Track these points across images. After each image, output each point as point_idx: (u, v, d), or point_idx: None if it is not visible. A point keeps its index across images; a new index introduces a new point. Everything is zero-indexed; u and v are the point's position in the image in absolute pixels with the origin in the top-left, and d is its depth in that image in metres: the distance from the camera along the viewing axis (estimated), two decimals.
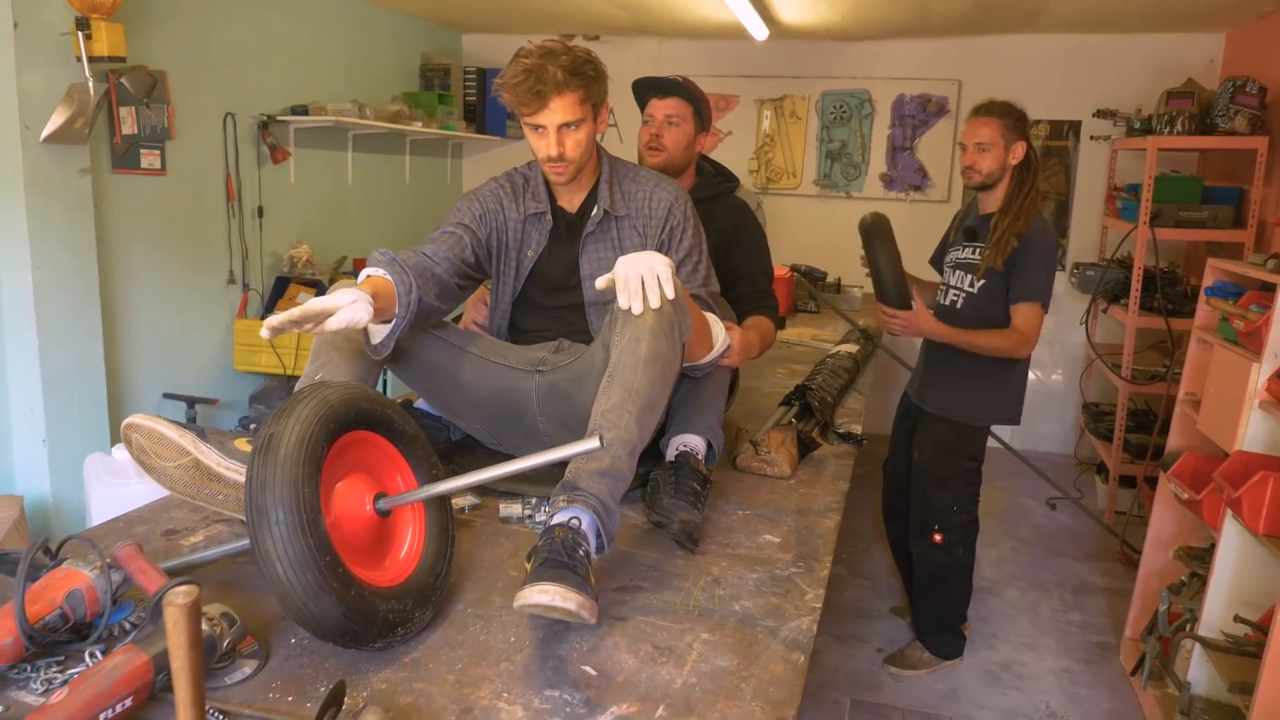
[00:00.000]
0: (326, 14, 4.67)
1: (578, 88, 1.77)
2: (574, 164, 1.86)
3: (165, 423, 1.49)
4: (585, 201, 1.98)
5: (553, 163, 1.85)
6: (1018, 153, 2.77)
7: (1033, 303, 2.75)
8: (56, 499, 3.29)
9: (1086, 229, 5.28)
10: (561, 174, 1.88)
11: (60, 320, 3.22)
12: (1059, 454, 5.46)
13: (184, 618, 0.84)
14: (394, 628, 1.26)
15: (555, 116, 1.78)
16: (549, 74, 1.73)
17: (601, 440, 1.29)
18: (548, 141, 1.81)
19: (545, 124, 1.79)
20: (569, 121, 1.80)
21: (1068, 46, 5.11)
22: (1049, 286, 2.78)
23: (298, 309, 1.40)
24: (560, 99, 1.76)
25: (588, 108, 1.82)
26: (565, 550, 1.33)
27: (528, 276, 2.00)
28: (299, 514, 1.18)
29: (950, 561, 3.00)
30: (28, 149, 3.02)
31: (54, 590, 1.24)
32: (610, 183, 1.97)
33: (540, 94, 1.74)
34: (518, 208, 1.99)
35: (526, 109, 1.78)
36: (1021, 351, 2.77)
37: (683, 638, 1.35)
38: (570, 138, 1.82)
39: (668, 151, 2.49)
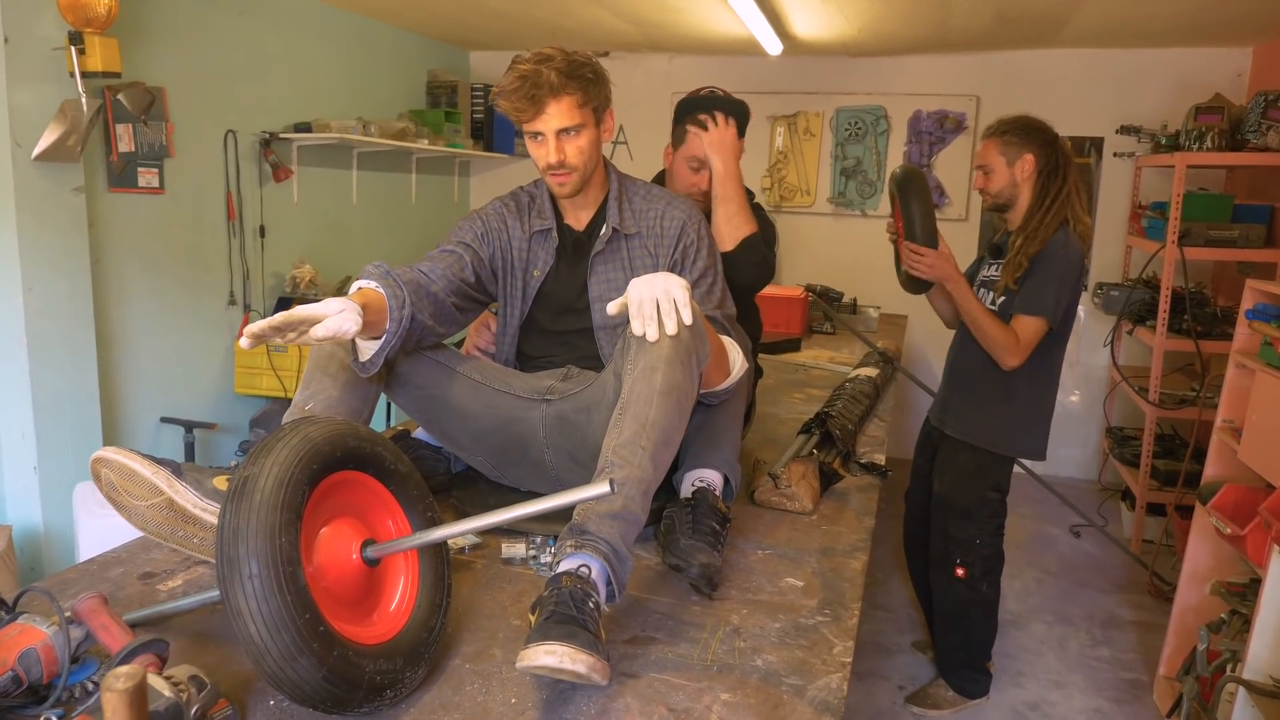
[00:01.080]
0: (331, 30, 4.60)
1: (575, 91, 1.70)
2: (577, 172, 1.77)
3: (138, 457, 1.38)
4: (594, 219, 1.89)
5: (554, 171, 1.76)
6: (1025, 166, 2.61)
7: (1034, 316, 2.55)
8: (48, 529, 3.18)
9: (1110, 248, 5.14)
10: (564, 183, 1.79)
11: (53, 344, 3.12)
12: (1081, 479, 5.30)
13: (125, 706, 0.72)
14: (382, 690, 1.14)
15: (553, 121, 1.70)
16: (544, 78, 1.67)
17: (612, 486, 1.17)
18: (547, 149, 1.73)
19: (543, 130, 1.72)
20: (568, 127, 1.72)
21: (1090, 61, 5.00)
22: (1059, 304, 2.55)
23: (280, 315, 1.30)
24: (557, 103, 1.69)
25: (588, 112, 1.74)
26: (574, 603, 1.21)
27: (534, 299, 1.90)
28: (275, 567, 1.06)
29: (973, 596, 2.85)
30: (19, 167, 2.93)
31: (6, 650, 1.12)
32: (620, 199, 1.87)
33: (535, 99, 1.67)
34: (523, 226, 1.90)
35: (524, 116, 1.71)
36: (1009, 357, 2.57)
37: (700, 698, 1.23)
38: (570, 144, 1.74)
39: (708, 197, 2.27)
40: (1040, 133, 2.63)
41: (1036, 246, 2.57)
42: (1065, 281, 2.56)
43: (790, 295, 4.08)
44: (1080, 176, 2.77)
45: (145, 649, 1.13)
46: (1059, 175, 2.60)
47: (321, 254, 4.54)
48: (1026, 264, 2.57)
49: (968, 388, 2.83)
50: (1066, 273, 2.56)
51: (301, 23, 4.39)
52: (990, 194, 2.70)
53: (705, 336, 1.59)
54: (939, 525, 2.89)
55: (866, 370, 3.16)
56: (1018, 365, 2.59)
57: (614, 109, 1.85)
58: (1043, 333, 2.58)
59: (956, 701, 2.96)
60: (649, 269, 1.85)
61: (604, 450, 1.43)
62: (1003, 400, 2.73)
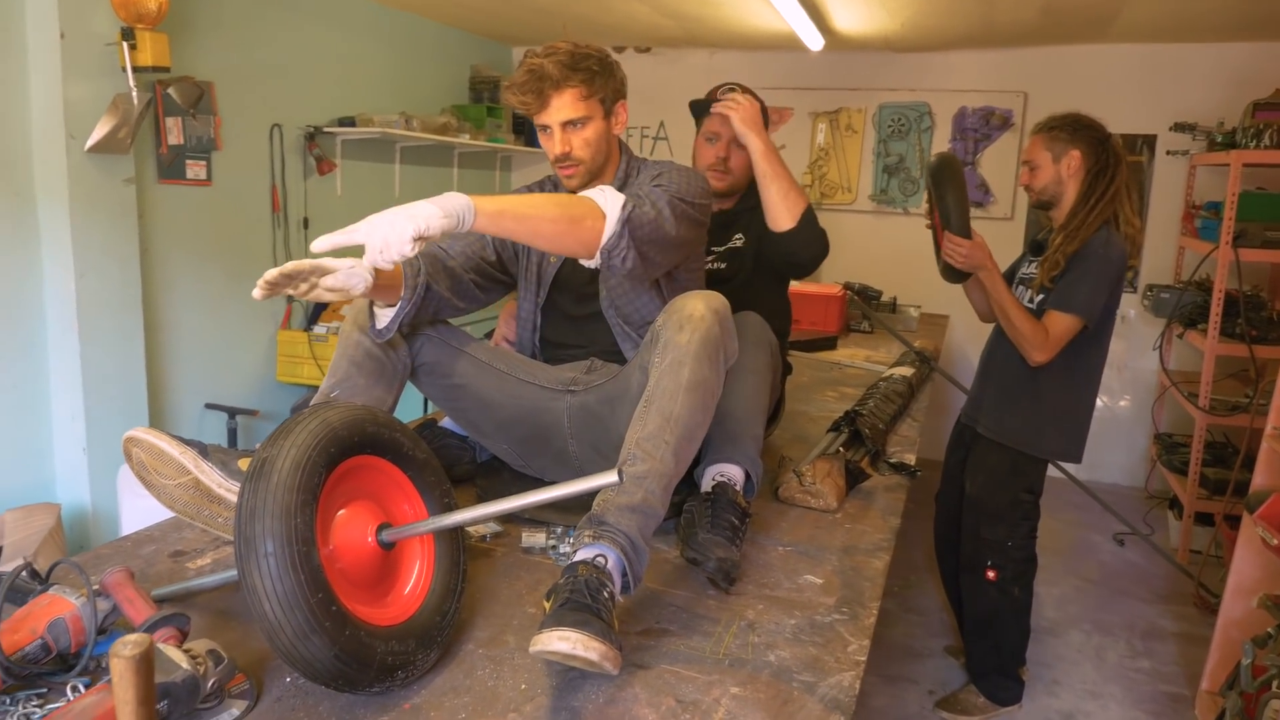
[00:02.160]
0: (375, 26, 4.66)
1: (579, 83, 1.70)
2: (584, 165, 1.77)
3: (166, 437, 1.42)
4: None
5: (561, 164, 1.78)
6: (1072, 163, 2.56)
7: (1067, 313, 2.49)
8: (95, 508, 3.27)
9: (1161, 249, 5.02)
10: (571, 175, 1.80)
11: (103, 329, 3.21)
12: (1127, 486, 5.18)
13: (131, 672, 0.74)
14: (393, 671, 1.15)
15: (557, 114, 1.72)
16: (547, 71, 1.68)
17: (620, 475, 1.17)
18: (554, 141, 1.75)
19: (549, 123, 1.73)
20: (573, 119, 1.73)
21: (1141, 56, 4.88)
22: (1093, 302, 2.49)
23: (291, 263, 1.33)
24: (559, 96, 1.70)
25: (593, 104, 1.74)
26: (588, 591, 1.22)
27: (551, 284, 1.92)
28: (290, 546, 1.08)
29: (1005, 600, 2.80)
30: (73, 158, 3.02)
31: (36, 619, 1.16)
32: (625, 185, 1.86)
33: (540, 92, 1.69)
34: None
35: (531, 109, 1.73)
36: (1036, 352, 2.51)
37: (710, 691, 1.23)
38: (577, 136, 1.74)
39: (733, 175, 2.30)
40: (1089, 130, 2.58)
41: (1075, 245, 2.52)
42: (1102, 280, 2.50)
43: (828, 293, 4.04)
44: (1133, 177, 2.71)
45: (166, 622, 1.17)
46: (1107, 175, 2.54)
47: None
48: (1064, 262, 2.53)
49: (1001, 386, 2.78)
50: (1104, 271, 2.50)
51: (347, 18, 4.45)
52: (1034, 190, 2.66)
53: (734, 333, 1.59)
54: (970, 526, 2.84)
55: (901, 369, 3.12)
56: (1045, 361, 2.53)
57: (653, 105, 1.84)
58: (1075, 331, 2.52)
59: (987, 708, 2.91)
60: None
61: (626, 442, 1.44)
62: (1035, 400, 2.68)
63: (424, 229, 1.31)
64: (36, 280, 3.13)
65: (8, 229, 3.03)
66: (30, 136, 3.04)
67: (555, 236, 1.52)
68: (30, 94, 3.01)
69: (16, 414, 3.15)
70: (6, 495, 3.10)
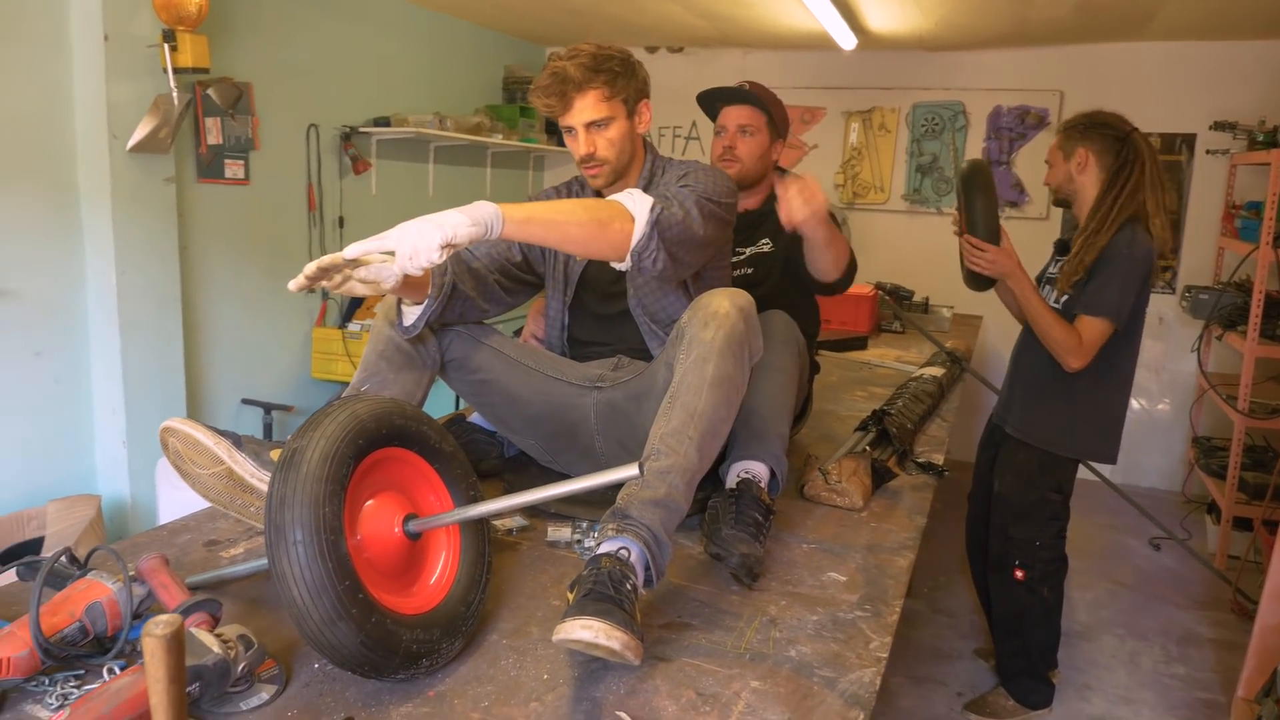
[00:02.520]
0: (410, 27, 4.72)
1: (600, 84, 1.72)
2: (608, 164, 1.80)
3: (202, 428, 1.45)
4: None
5: (586, 164, 1.80)
6: (1080, 161, 2.57)
7: (1098, 317, 2.47)
8: (135, 499, 3.35)
9: (1200, 250, 4.93)
10: (595, 175, 1.82)
11: (143, 325, 3.28)
12: (1164, 490, 5.10)
13: (162, 650, 0.77)
14: (418, 659, 1.18)
15: (580, 116, 1.74)
16: (569, 74, 1.71)
17: (641, 469, 1.18)
18: (578, 142, 1.77)
19: (573, 125, 1.76)
20: (596, 120, 1.75)
21: (1180, 54, 4.80)
22: (1123, 304, 2.47)
23: (326, 256, 1.37)
24: (582, 98, 1.73)
25: (616, 104, 1.76)
26: (611, 583, 1.23)
27: (578, 283, 1.94)
28: (319, 534, 1.11)
29: (1033, 601, 2.77)
30: (115, 158, 3.09)
31: (74, 602, 1.20)
32: (650, 181, 1.89)
33: (563, 94, 1.72)
34: None
35: (555, 111, 1.76)
36: (1071, 359, 2.49)
37: (730, 684, 1.23)
38: (600, 136, 1.77)
39: (742, 163, 2.37)
40: (1104, 128, 2.57)
41: (1095, 253, 2.50)
42: (1130, 281, 2.47)
43: (859, 293, 4.02)
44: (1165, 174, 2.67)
45: (199, 608, 1.20)
46: (1128, 171, 2.52)
47: None
48: (1088, 264, 2.50)
49: (1030, 385, 2.76)
50: (1131, 272, 2.47)
51: (382, 20, 4.51)
52: (1050, 188, 2.71)
53: (759, 331, 1.60)
54: (998, 526, 2.82)
55: (932, 369, 3.10)
56: (1081, 367, 2.52)
57: (686, 105, 1.86)
58: (1108, 334, 2.49)
59: (1016, 711, 2.88)
60: None
61: (651, 437, 1.45)
62: (1065, 399, 2.65)
63: (451, 237, 1.33)
64: (79, 277, 3.21)
65: (52, 227, 3.11)
66: (74, 136, 3.12)
67: (585, 240, 1.53)
68: (75, 95, 3.10)
69: (60, 408, 3.23)
70: (50, 486, 3.19)
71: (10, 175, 2.97)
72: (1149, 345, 5.14)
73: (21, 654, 1.13)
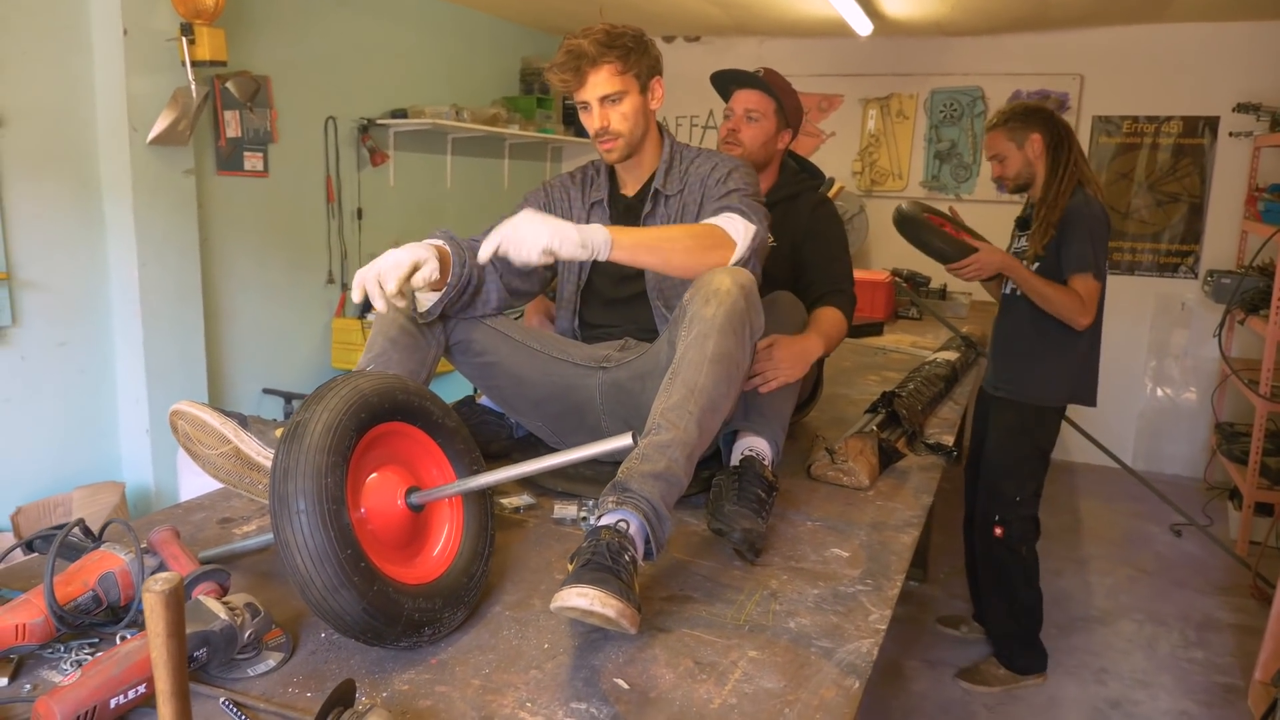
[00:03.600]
0: (427, 19, 4.75)
1: (614, 59, 1.77)
2: (622, 138, 1.83)
3: (208, 410, 1.48)
4: (644, 186, 1.94)
5: (600, 138, 1.84)
6: (1034, 145, 2.76)
7: (1083, 273, 2.66)
8: (158, 487, 3.41)
9: (1223, 233, 4.87)
10: (610, 149, 1.85)
11: (164, 316, 3.34)
12: (1187, 477, 5.05)
13: (161, 605, 0.79)
14: (420, 627, 1.20)
15: (594, 90, 1.78)
16: (584, 49, 1.75)
17: (635, 439, 1.20)
18: (592, 116, 1.81)
19: (588, 99, 1.80)
20: (609, 94, 1.79)
21: (1202, 36, 4.73)
22: (1099, 258, 2.67)
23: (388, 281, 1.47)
24: (596, 72, 1.77)
25: (629, 79, 1.80)
26: (610, 554, 1.25)
27: (592, 266, 1.96)
28: (321, 504, 1.13)
29: (1013, 560, 2.89)
30: (135, 151, 3.15)
31: (88, 572, 1.23)
32: (670, 164, 1.92)
33: (578, 69, 1.76)
34: (583, 198, 1.99)
35: (570, 87, 1.80)
36: (1080, 319, 2.67)
37: (728, 654, 1.25)
38: (614, 111, 1.81)
39: (744, 147, 2.36)
40: (1038, 112, 2.80)
41: (1059, 212, 2.70)
42: (1098, 237, 2.67)
43: (875, 279, 4.02)
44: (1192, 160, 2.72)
45: (207, 577, 1.23)
46: (1064, 146, 2.74)
47: (416, 236, 4.64)
48: (1054, 229, 2.69)
49: (1010, 347, 2.89)
50: (1096, 228, 2.66)
51: (399, 12, 4.55)
52: (1009, 178, 2.85)
53: (760, 308, 1.61)
54: (985, 484, 2.96)
55: (946, 354, 3.10)
56: (1089, 323, 2.68)
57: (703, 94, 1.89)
58: (1097, 286, 2.66)
59: (1009, 679, 2.95)
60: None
61: (652, 413, 1.46)
62: (1043, 355, 2.79)
63: (556, 246, 1.43)
64: (102, 269, 3.27)
65: (75, 220, 3.17)
66: (96, 130, 3.18)
67: (689, 266, 1.60)
68: (96, 89, 3.15)
69: (85, 397, 3.30)
70: (75, 474, 3.26)
71: (34, 169, 3.04)
72: (1172, 331, 5.09)
73: (36, 621, 1.17)
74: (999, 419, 2.91)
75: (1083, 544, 4.18)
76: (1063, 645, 3.22)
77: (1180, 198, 4.97)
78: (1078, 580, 3.77)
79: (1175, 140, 4.91)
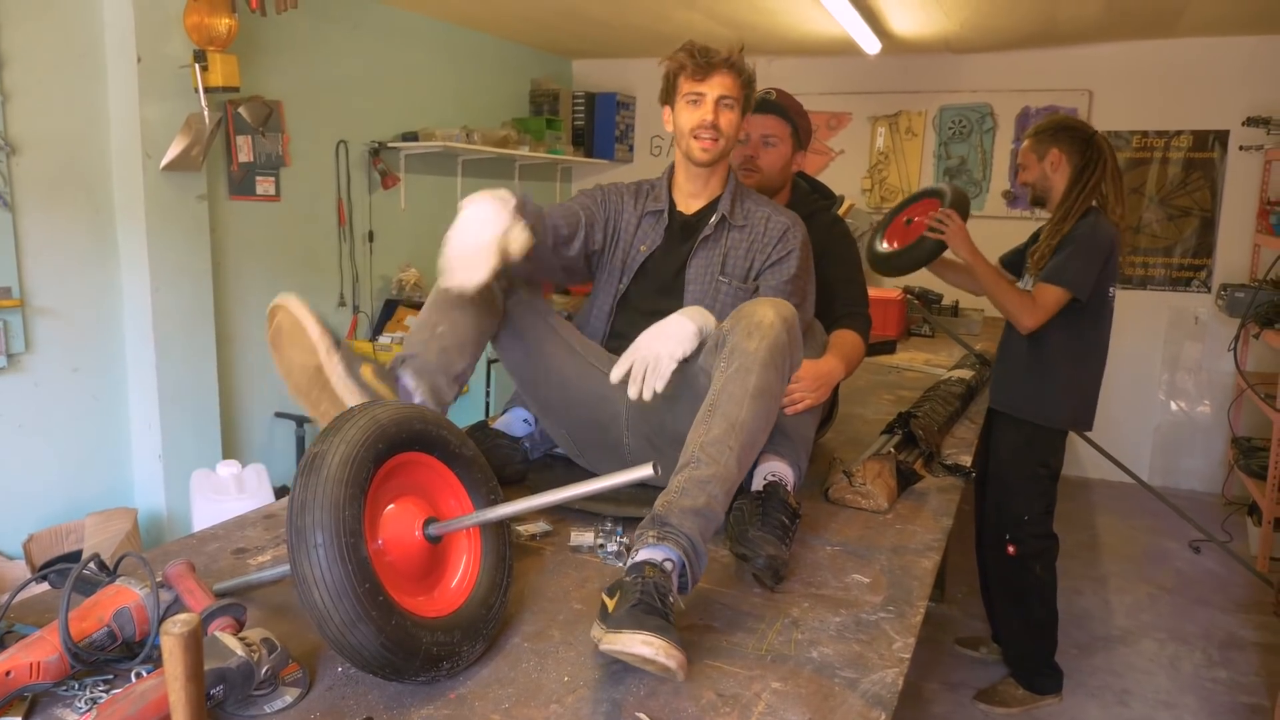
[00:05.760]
0: (437, 42, 4.78)
1: (742, 72, 1.86)
2: (724, 139, 1.87)
3: (311, 317, 1.50)
4: (705, 208, 1.98)
5: (704, 132, 1.86)
6: (1053, 159, 2.79)
7: (1054, 285, 2.64)
8: (170, 512, 3.41)
9: (1236, 247, 4.85)
10: (708, 149, 1.88)
11: (177, 341, 3.35)
12: (1205, 492, 5.00)
13: (180, 648, 0.78)
14: (438, 661, 1.18)
15: (717, 89, 1.83)
16: (722, 52, 1.83)
17: (656, 469, 1.18)
18: (704, 109, 1.84)
19: (706, 91, 1.84)
20: (728, 97, 1.84)
21: (1211, 50, 4.73)
22: (1082, 276, 2.64)
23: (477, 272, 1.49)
24: (728, 73, 1.83)
25: (744, 95, 1.88)
26: (658, 595, 1.21)
27: (635, 274, 1.97)
28: (339, 538, 1.12)
29: (1027, 578, 2.86)
30: (148, 176, 3.16)
31: (103, 608, 1.22)
32: (734, 196, 1.97)
33: (710, 63, 1.82)
34: (636, 206, 2.01)
35: (694, 76, 1.83)
36: (1024, 318, 2.68)
37: (750, 685, 1.23)
38: (725, 115, 1.86)
39: (762, 173, 2.33)
40: (1071, 131, 2.80)
41: (1060, 235, 2.71)
42: (1089, 256, 2.64)
43: (887, 297, 4.00)
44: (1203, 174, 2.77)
45: (224, 612, 1.21)
46: (1092, 167, 2.73)
47: (427, 258, 4.70)
48: (1054, 246, 2.70)
49: (1013, 364, 2.88)
50: (1090, 247, 2.64)
51: (410, 36, 4.58)
52: (1027, 185, 2.89)
53: (800, 343, 1.60)
54: (991, 502, 2.94)
55: (961, 372, 3.08)
56: (1033, 327, 2.67)
57: None
58: (1062, 301, 2.63)
59: (1027, 699, 2.92)
60: (740, 261, 1.92)
61: (689, 444, 1.44)
62: (1042, 373, 2.78)
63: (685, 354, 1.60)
64: (115, 295, 3.28)
65: (89, 245, 3.19)
66: (109, 157, 3.20)
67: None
68: (110, 116, 3.17)
69: (97, 423, 3.30)
70: (88, 500, 3.25)
71: (48, 196, 3.05)
72: (1186, 345, 5.06)
73: (51, 659, 1.15)
74: (1003, 436, 2.91)
75: (1101, 561, 4.13)
76: (1084, 666, 3.18)
77: (1192, 212, 4.95)
78: (1097, 599, 3.73)
79: (1185, 154, 4.90)
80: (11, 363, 3.02)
